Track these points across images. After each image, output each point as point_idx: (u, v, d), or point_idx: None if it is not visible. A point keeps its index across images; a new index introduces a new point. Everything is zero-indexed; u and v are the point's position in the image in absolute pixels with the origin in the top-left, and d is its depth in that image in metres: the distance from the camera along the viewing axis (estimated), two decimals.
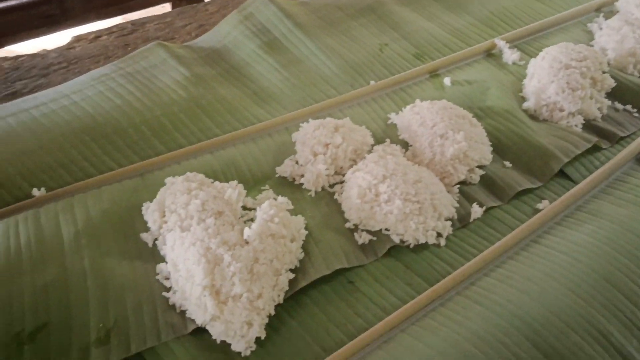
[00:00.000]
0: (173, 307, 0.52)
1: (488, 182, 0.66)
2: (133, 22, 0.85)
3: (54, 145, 0.64)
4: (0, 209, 0.58)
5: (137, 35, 0.83)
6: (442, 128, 0.66)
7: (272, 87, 0.77)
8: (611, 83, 0.78)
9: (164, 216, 0.57)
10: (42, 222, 0.57)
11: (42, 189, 0.60)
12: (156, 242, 0.57)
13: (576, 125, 0.73)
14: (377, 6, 0.91)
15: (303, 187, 0.64)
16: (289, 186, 0.65)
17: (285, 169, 0.66)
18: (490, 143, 0.70)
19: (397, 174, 0.60)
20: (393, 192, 0.59)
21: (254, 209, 0.59)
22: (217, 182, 0.60)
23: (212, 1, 0.92)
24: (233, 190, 0.59)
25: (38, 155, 0.63)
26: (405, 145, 0.70)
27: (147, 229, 0.58)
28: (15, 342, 0.48)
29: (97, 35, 0.82)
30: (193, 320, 0.51)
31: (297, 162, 0.66)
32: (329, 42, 0.83)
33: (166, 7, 1.49)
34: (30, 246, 0.54)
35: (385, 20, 0.89)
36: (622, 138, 0.73)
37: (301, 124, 0.69)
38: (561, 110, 0.74)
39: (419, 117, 0.69)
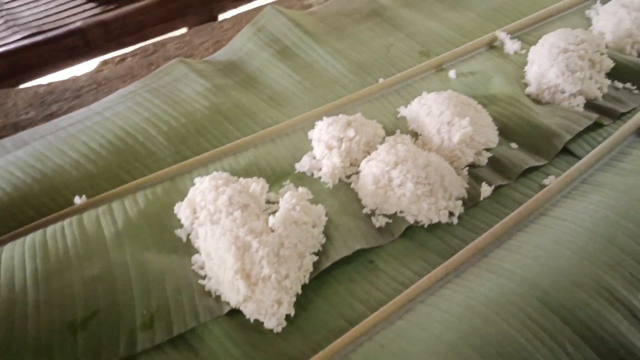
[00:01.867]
0: (209, 292, 0.57)
1: (495, 163, 0.70)
2: (154, 44, 0.91)
3: (91, 156, 0.69)
4: (47, 216, 0.64)
5: (159, 55, 0.89)
6: (448, 115, 0.70)
7: (286, 92, 0.82)
8: (610, 63, 0.81)
9: (195, 212, 0.63)
10: (86, 224, 0.62)
11: (83, 196, 0.66)
12: (189, 236, 0.62)
13: (578, 106, 0.76)
14: (382, 10, 0.96)
15: (321, 180, 0.69)
16: (308, 180, 0.69)
17: (303, 165, 0.70)
18: (497, 127, 0.74)
19: (408, 160, 0.65)
20: (405, 177, 0.63)
21: (277, 202, 0.64)
22: (241, 179, 0.65)
23: (226, 19, 0.98)
24: (257, 185, 0.64)
25: (78, 166, 0.69)
26: (415, 135, 0.74)
27: (180, 226, 0.63)
28: (69, 329, 0.53)
29: (122, 57, 0.88)
30: (228, 303, 0.55)
31: (314, 158, 0.71)
32: (337, 46, 0.88)
33: (182, 31, 1.57)
34: (77, 245, 0.60)
35: (390, 23, 0.94)
36: (623, 114, 0.76)
37: (316, 123, 0.73)
38: (562, 92, 0.77)
39: (426, 108, 0.73)
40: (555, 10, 0.96)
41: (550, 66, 0.78)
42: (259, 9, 1.00)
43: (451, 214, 0.64)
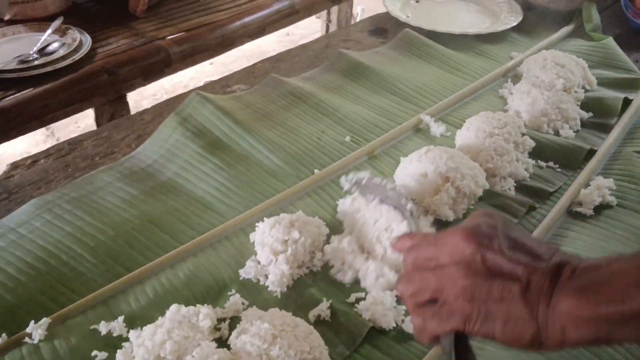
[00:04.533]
0: None
1: None
2: (69, 142, 0.84)
3: (9, 284, 0.61)
4: None
5: (76, 154, 0.82)
6: (383, 223, 0.67)
7: (221, 187, 0.78)
8: (531, 143, 0.85)
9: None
10: None
11: (3, 334, 0.57)
12: None
13: (509, 189, 0.79)
14: (307, 96, 0.95)
15: (269, 288, 0.65)
16: (254, 288, 0.65)
17: (248, 271, 0.66)
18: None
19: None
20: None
21: (224, 320, 0.60)
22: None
23: (146, 110, 0.94)
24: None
25: None
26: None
27: None
28: None
29: (34, 159, 0.81)
30: None
31: (259, 263, 0.67)
32: (270, 135, 0.86)
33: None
34: None
35: (317, 109, 0.93)
36: (551, 193, 0.80)
37: (257, 224, 0.70)
38: (493, 176, 0.80)
39: (361, 214, 0.71)
40: (470, 90, 1.01)
41: (480, 150, 0.80)
42: (181, 96, 0.97)
43: None
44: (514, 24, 1.19)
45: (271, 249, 0.66)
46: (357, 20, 2.84)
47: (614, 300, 0.40)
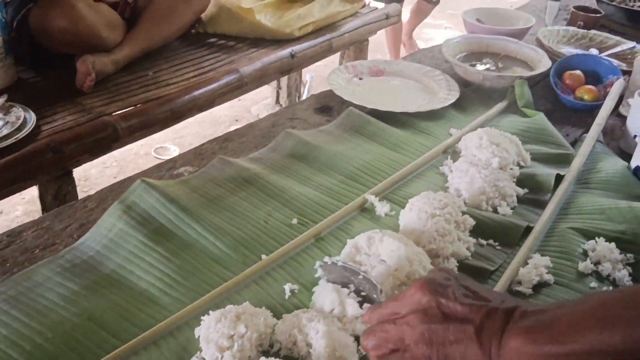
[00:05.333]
0: None
1: None
2: (8, 233, 0.82)
3: None
4: None
5: (15, 247, 0.80)
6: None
7: (166, 279, 0.77)
8: (471, 222, 0.88)
9: None
10: None
11: None
12: None
13: (452, 269, 0.81)
14: (255, 178, 0.97)
15: None
16: None
17: None
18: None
19: None
20: None
21: None
22: None
23: (89, 196, 0.92)
24: None
25: None
26: None
27: None
28: None
29: None
30: None
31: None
32: (216, 220, 0.86)
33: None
34: None
35: (264, 191, 0.94)
36: (492, 272, 0.82)
37: (202, 317, 0.69)
38: (437, 256, 0.82)
39: None
40: (412, 168, 1.04)
41: (422, 232, 0.83)
42: (125, 182, 0.96)
43: None
44: (452, 100, 1.25)
45: (217, 346, 0.65)
46: (307, 86, 2.92)
47: (556, 341, 0.46)
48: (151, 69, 1.82)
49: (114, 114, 1.56)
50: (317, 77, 3.12)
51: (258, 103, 3.15)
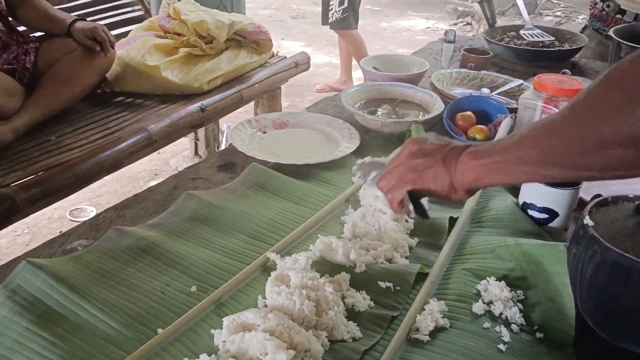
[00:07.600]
0: None
1: None
2: None
3: None
4: None
5: None
6: None
7: None
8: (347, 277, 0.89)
9: None
10: None
11: None
12: None
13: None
14: (152, 247, 0.94)
15: None
16: None
17: None
18: None
19: None
20: None
21: None
22: None
23: None
24: None
25: None
26: None
27: None
28: None
29: None
30: None
31: None
32: (108, 297, 0.83)
33: None
34: None
35: (162, 260, 0.92)
36: (394, 318, 0.83)
37: None
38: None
39: None
40: (315, 220, 1.05)
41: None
42: (10, 264, 0.91)
43: None
44: (353, 148, 1.28)
45: None
46: (225, 135, 2.92)
47: (491, 156, 0.70)
48: (54, 134, 1.77)
49: (12, 185, 1.49)
50: (234, 126, 3.12)
51: (177, 155, 3.11)
